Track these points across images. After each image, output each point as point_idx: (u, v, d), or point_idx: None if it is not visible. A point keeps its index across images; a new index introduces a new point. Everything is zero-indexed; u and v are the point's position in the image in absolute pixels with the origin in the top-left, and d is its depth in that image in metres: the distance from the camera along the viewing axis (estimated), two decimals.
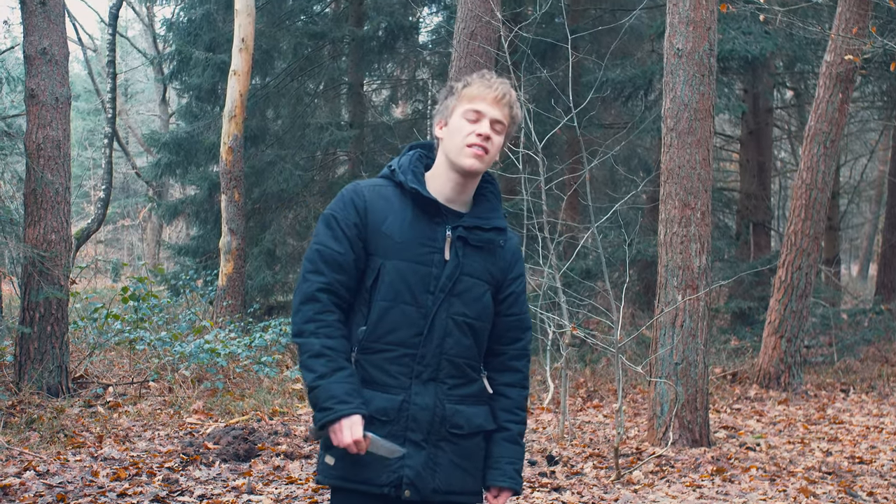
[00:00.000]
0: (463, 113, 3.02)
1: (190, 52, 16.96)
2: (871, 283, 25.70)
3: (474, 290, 3.05)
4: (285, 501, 6.47)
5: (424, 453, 2.99)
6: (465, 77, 3.09)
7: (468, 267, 3.04)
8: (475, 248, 3.06)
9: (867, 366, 14.07)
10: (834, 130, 11.28)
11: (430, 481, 2.99)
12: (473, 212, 3.09)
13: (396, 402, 2.96)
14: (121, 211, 34.96)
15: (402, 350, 2.97)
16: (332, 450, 2.96)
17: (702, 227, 8.45)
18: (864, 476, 7.45)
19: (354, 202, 3.02)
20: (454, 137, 3.02)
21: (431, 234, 3.01)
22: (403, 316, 2.97)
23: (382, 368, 2.97)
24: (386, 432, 2.93)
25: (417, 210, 3.02)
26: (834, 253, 18.97)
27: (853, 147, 24.81)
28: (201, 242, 18.03)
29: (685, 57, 8.49)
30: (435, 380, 3.00)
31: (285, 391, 10.43)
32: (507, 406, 3.15)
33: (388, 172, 3.10)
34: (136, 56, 35.79)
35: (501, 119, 3.03)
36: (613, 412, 10.14)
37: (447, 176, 3.05)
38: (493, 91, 3.02)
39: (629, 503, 6.54)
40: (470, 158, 2.99)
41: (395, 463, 2.94)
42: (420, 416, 2.98)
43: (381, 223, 2.99)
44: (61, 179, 9.71)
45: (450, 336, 3.00)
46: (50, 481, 6.76)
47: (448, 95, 3.10)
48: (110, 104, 19.43)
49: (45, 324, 9.57)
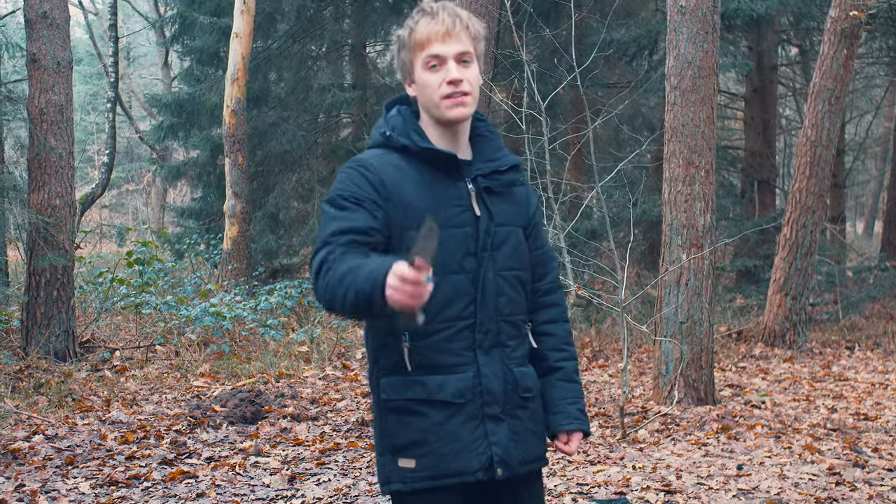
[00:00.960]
0: (423, 64, 2.71)
1: (192, 15, 16.88)
2: (877, 240, 25.64)
3: (511, 238, 2.81)
4: (292, 463, 6.52)
5: (505, 425, 2.76)
6: (408, 20, 2.76)
7: (500, 216, 2.79)
8: (498, 194, 2.81)
9: (872, 323, 14.07)
10: (839, 87, 11.22)
11: (515, 454, 2.78)
12: (480, 155, 2.84)
13: (468, 379, 2.70)
14: (125, 175, 34.91)
15: (461, 323, 2.70)
16: (407, 450, 2.71)
17: (706, 186, 8.42)
18: (869, 432, 7.48)
19: (365, 176, 2.70)
20: (427, 94, 2.73)
21: (456, 193, 2.75)
22: (454, 287, 2.69)
23: (443, 349, 2.70)
24: (464, 414, 2.70)
25: (433, 170, 2.75)
26: (839, 210, 18.92)
27: (858, 103, 24.65)
28: (204, 205, 18.03)
29: (688, 14, 8.42)
30: (497, 345, 2.77)
31: (291, 354, 10.47)
32: (554, 344, 2.93)
33: (382, 139, 2.80)
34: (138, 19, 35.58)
35: (464, 49, 2.71)
36: (619, 372, 10.17)
37: (438, 131, 2.77)
38: (440, 25, 2.68)
39: (635, 462, 6.57)
40: (452, 109, 2.70)
41: (480, 445, 2.71)
42: (493, 387, 2.74)
43: (401, 193, 2.69)
44: (64, 144, 9.71)
45: (502, 295, 2.77)
46: (58, 445, 6.81)
47: (400, 48, 2.78)
48: (112, 68, 19.39)
49: (52, 289, 9.61)
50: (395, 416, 2.73)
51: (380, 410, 2.77)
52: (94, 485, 5.94)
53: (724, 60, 14.07)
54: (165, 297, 11.68)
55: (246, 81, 14.47)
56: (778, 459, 6.58)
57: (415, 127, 2.79)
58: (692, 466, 6.40)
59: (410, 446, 2.70)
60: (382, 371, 2.75)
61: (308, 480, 6.12)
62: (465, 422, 2.71)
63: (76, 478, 6.10)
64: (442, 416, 2.69)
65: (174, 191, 30.29)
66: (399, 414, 2.72)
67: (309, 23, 17.50)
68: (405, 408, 2.71)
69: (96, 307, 11.41)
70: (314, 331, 11.16)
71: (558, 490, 5.89)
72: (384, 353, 2.75)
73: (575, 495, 5.79)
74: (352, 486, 5.98)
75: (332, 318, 12.22)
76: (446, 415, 2.70)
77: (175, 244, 17.37)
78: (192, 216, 18.27)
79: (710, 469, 6.32)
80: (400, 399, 2.71)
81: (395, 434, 2.73)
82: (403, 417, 2.72)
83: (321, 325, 11.86)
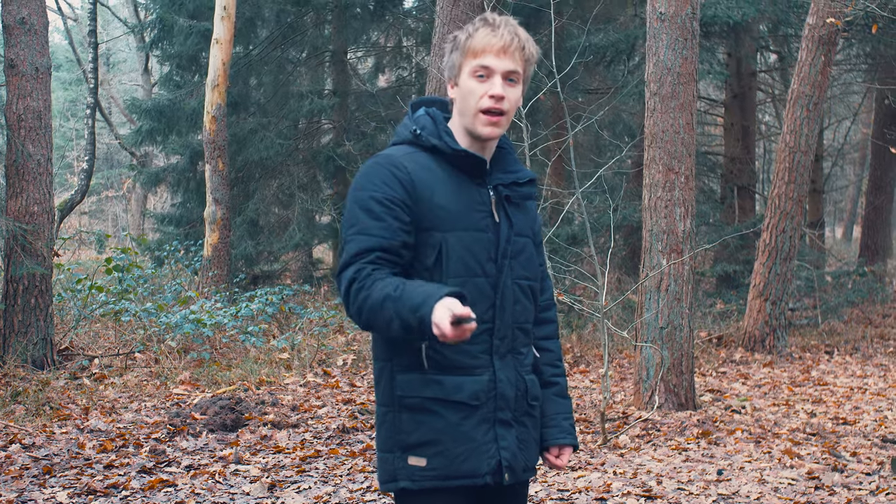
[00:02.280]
0: (471, 71, 2.71)
1: (172, 19, 16.83)
2: (855, 245, 25.80)
3: (527, 249, 2.85)
4: (273, 471, 6.49)
5: (514, 431, 2.79)
6: (468, 26, 2.76)
7: (517, 226, 2.82)
8: (515, 204, 2.83)
9: (851, 327, 14.15)
10: (817, 93, 11.28)
11: (521, 460, 2.81)
12: (499, 166, 2.84)
13: (484, 382, 2.72)
14: (105, 182, 34.78)
15: (481, 327, 2.71)
16: (419, 448, 2.71)
17: (686, 192, 8.45)
18: (848, 437, 7.51)
19: (397, 176, 2.68)
20: (467, 101, 2.73)
21: (479, 198, 2.76)
22: (477, 290, 2.71)
23: (461, 350, 2.70)
24: (477, 417, 2.72)
25: (460, 173, 2.76)
26: (818, 216, 19.02)
27: (837, 110, 24.81)
28: (184, 211, 17.97)
29: (668, 21, 8.46)
30: (511, 351, 2.79)
31: (272, 360, 10.43)
32: (549, 359, 2.98)
33: (412, 136, 2.79)
34: (118, 25, 35.48)
35: (515, 68, 2.72)
36: (600, 377, 10.18)
37: (467, 140, 2.78)
38: (499, 39, 2.68)
39: (616, 467, 6.57)
40: (486, 127, 2.72)
41: (491, 449, 2.73)
42: (507, 392, 2.76)
43: (432, 194, 2.69)
44: (43, 151, 9.66)
45: (518, 303, 2.80)
46: (36, 454, 6.76)
47: (453, 49, 2.78)
48: (92, 74, 19.31)
49: (29, 296, 9.54)
50: (409, 413, 2.72)
51: (391, 407, 2.76)
52: (71, 494, 5.90)
53: (701, 67, 14.11)
54: (145, 304, 11.62)
55: (226, 88, 14.43)
56: (758, 464, 6.60)
57: (445, 128, 2.79)
58: (673, 472, 6.41)
59: (423, 445, 2.70)
60: (398, 368, 2.74)
61: (288, 488, 6.10)
62: (478, 424, 2.73)
63: (53, 487, 6.05)
64: (457, 417, 2.70)
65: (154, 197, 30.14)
66: (414, 412, 2.71)
67: (289, 28, 17.49)
68: (421, 406, 2.71)
69: (75, 315, 11.34)
70: (295, 337, 11.13)
71: (539, 496, 5.89)
72: (400, 350, 2.74)
73: (556, 501, 5.79)
74: (332, 494, 5.96)
75: (314, 325, 12.20)
76: (461, 416, 2.70)
77: (155, 251, 17.31)
78: (172, 222, 18.20)
79: (691, 474, 6.34)
80: (417, 396, 2.71)
81: (407, 431, 2.72)
82: (418, 416, 2.71)
83: (302, 331, 11.83)
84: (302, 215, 17.03)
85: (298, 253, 18.57)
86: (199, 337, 10.60)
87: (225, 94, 14.37)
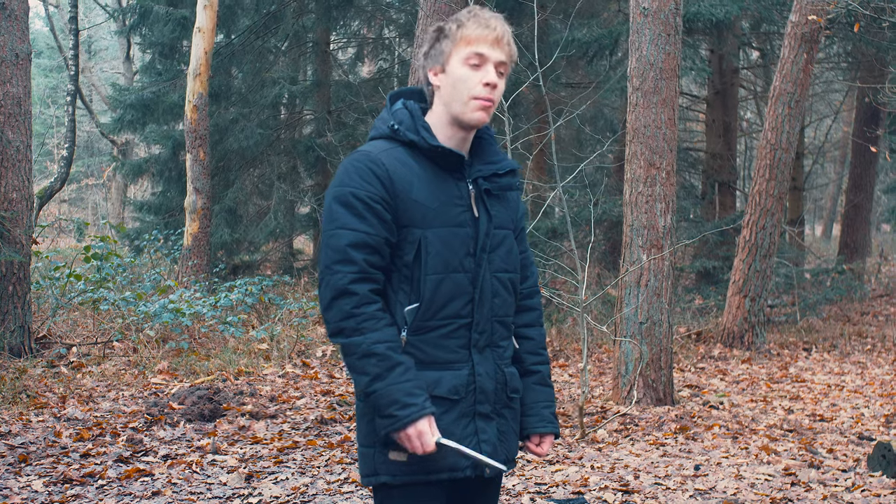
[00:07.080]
0: (464, 58, 2.74)
1: (150, 5, 16.74)
2: (835, 243, 25.94)
3: (506, 241, 2.86)
4: (250, 461, 6.47)
5: (494, 424, 2.82)
6: (456, 17, 2.79)
7: (497, 219, 2.84)
8: (495, 196, 2.85)
9: (829, 325, 14.22)
10: (799, 91, 11.32)
11: (501, 452, 2.84)
12: (480, 157, 2.86)
13: (463, 377, 2.75)
14: (85, 170, 34.56)
15: (459, 321, 2.74)
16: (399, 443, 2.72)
17: (667, 187, 8.47)
18: (825, 433, 7.54)
19: (375, 172, 2.69)
20: (457, 87, 2.75)
21: (458, 192, 2.77)
22: (455, 285, 2.73)
23: (440, 345, 2.73)
24: (457, 411, 2.74)
25: (438, 169, 2.77)
26: (798, 213, 19.10)
27: (818, 108, 24.92)
28: (164, 200, 17.88)
29: (651, 16, 8.46)
30: (490, 345, 2.82)
31: (251, 351, 10.40)
32: (531, 348, 2.99)
33: (389, 131, 2.80)
34: (100, 12, 35.28)
35: (504, 59, 2.77)
36: (578, 371, 10.20)
37: (449, 130, 2.80)
38: (493, 31, 2.74)
39: (593, 461, 6.58)
40: (477, 112, 2.74)
41: (472, 442, 2.76)
42: (486, 385, 2.79)
43: (410, 190, 2.71)
44: (22, 137, 9.59)
45: (497, 296, 2.82)
46: (12, 442, 6.72)
47: (441, 38, 2.79)
48: (73, 61, 19.15)
49: (7, 284, 9.48)
50: None
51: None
52: (47, 482, 5.86)
53: (684, 64, 14.14)
54: (124, 293, 11.56)
55: (208, 77, 14.36)
56: (735, 460, 6.63)
57: (423, 123, 2.79)
58: (650, 466, 6.43)
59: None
60: None
61: (266, 479, 6.08)
62: (458, 418, 2.76)
63: (29, 475, 6.02)
64: (437, 411, 2.70)
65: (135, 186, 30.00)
66: None
67: (271, 17, 17.41)
68: None
69: (53, 303, 11.27)
70: (274, 328, 11.10)
71: (516, 490, 5.89)
72: None
73: (533, 495, 5.79)
74: (310, 485, 5.95)
75: (293, 316, 12.16)
76: (441, 410, 2.72)
77: (134, 239, 17.23)
78: (152, 211, 18.11)
79: (668, 469, 6.35)
80: None
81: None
82: None
83: (281, 322, 11.80)
84: (281, 205, 16.98)
85: (278, 243, 18.53)
86: (178, 326, 10.56)
87: (207, 84, 14.30)
